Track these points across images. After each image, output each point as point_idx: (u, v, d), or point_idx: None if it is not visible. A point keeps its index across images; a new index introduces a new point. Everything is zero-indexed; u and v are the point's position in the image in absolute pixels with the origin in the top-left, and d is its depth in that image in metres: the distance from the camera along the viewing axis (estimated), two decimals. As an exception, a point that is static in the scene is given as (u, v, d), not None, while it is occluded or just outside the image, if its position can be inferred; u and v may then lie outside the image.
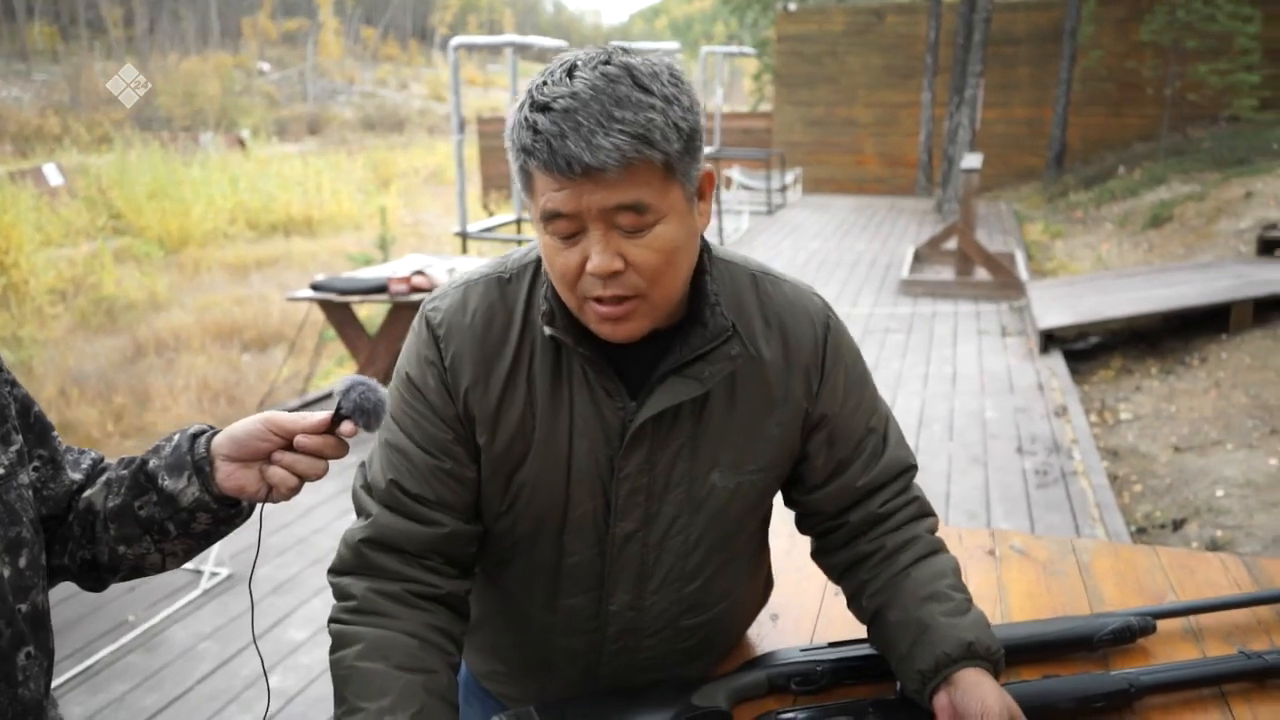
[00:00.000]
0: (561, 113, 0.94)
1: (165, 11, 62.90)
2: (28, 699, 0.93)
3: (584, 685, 1.28)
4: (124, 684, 3.00)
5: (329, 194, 16.46)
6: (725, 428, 1.14)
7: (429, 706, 1.06)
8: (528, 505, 1.15)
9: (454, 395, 1.12)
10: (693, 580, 1.21)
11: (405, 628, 1.09)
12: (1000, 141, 15.64)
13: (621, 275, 1.00)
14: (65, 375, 7.45)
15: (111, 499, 1.03)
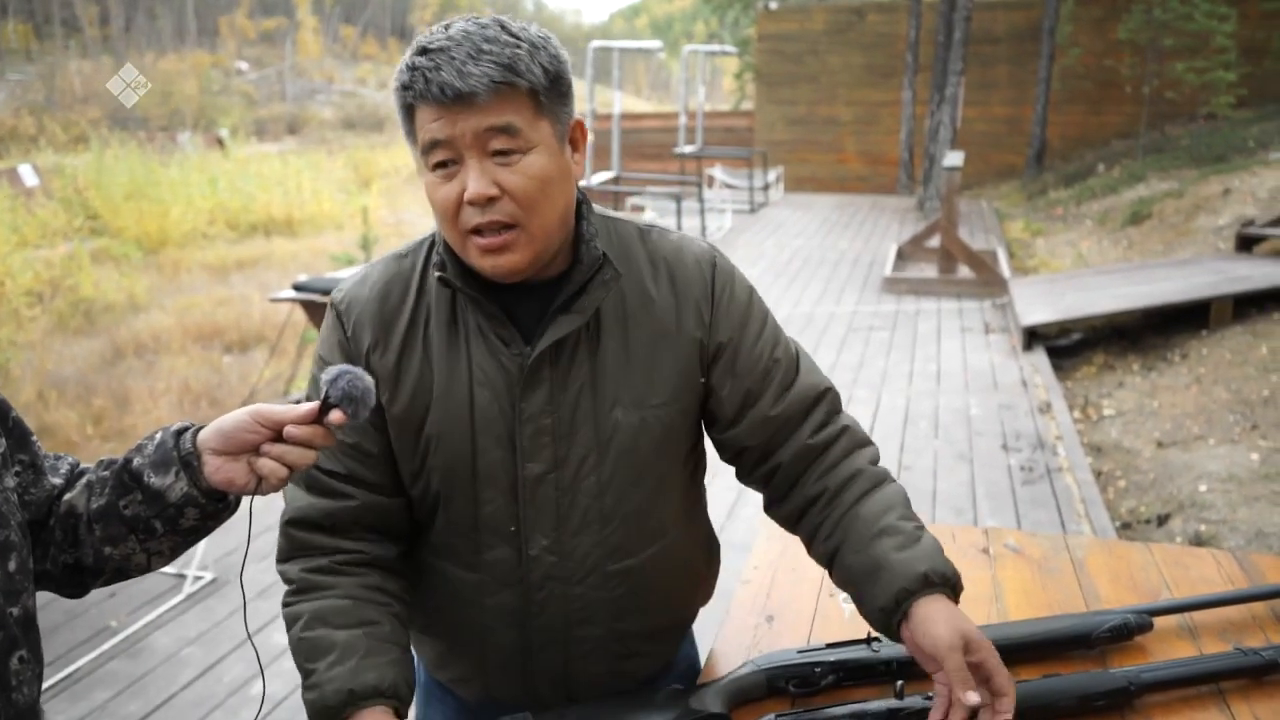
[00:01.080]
0: (437, 51, 1.05)
1: (141, 10, 62.30)
2: (21, 704, 0.92)
3: (522, 653, 1.26)
4: (106, 691, 2.96)
5: (309, 194, 16.33)
6: (623, 365, 1.18)
7: (374, 649, 1.12)
8: (438, 458, 1.18)
9: (355, 362, 1.18)
10: (610, 521, 1.21)
11: (340, 594, 1.16)
12: (980, 140, 15.71)
13: (497, 202, 1.07)
14: (43, 378, 7.35)
15: (95, 500, 1.02)
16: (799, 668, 1.28)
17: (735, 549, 3.86)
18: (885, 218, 13.17)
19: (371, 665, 1.11)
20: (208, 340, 8.56)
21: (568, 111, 1.13)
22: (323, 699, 1.09)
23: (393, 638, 1.16)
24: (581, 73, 20.19)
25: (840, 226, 12.40)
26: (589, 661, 1.28)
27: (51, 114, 33.42)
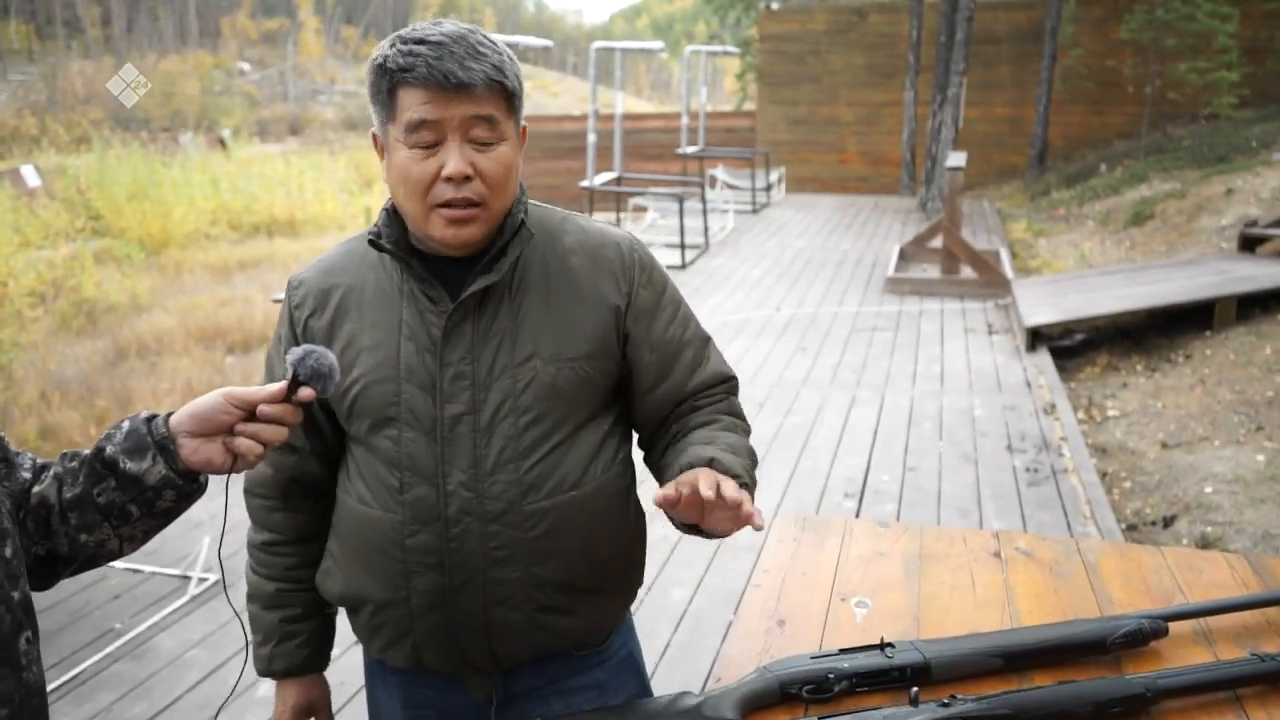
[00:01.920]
0: (436, 44, 1.19)
1: (143, 11, 62.30)
2: (32, 683, 0.96)
3: (443, 595, 1.31)
4: (111, 694, 2.95)
5: (312, 194, 16.32)
6: (542, 321, 1.31)
7: (288, 634, 1.46)
8: (365, 401, 1.31)
9: (295, 327, 1.36)
10: (527, 458, 1.29)
11: (268, 574, 1.46)
12: (982, 140, 15.69)
13: (470, 181, 1.22)
14: (46, 379, 7.34)
15: (68, 490, 1.06)
16: (813, 674, 1.27)
17: (740, 550, 3.85)
18: (887, 218, 13.15)
19: (281, 653, 1.45)
20: (210, 341, 8.54)
21: (521, 116, 1.31)
22: (256, 667, 1.48)
23: (305, 615, 1.47)
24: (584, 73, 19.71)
25: (842, 227, 12.38)
26: (509, 608, 1.32)
27: (54, 114, 33.44)
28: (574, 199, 12.36)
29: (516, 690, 1.40)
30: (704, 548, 3.87)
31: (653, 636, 3.20)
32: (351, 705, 2.76)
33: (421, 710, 1.44)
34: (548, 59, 72.61)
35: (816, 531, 1.81)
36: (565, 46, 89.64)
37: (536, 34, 54.80)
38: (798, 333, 7.27)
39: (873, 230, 12.15)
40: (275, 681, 1.49)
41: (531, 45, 8.94)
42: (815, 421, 5.35)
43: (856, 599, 1.56)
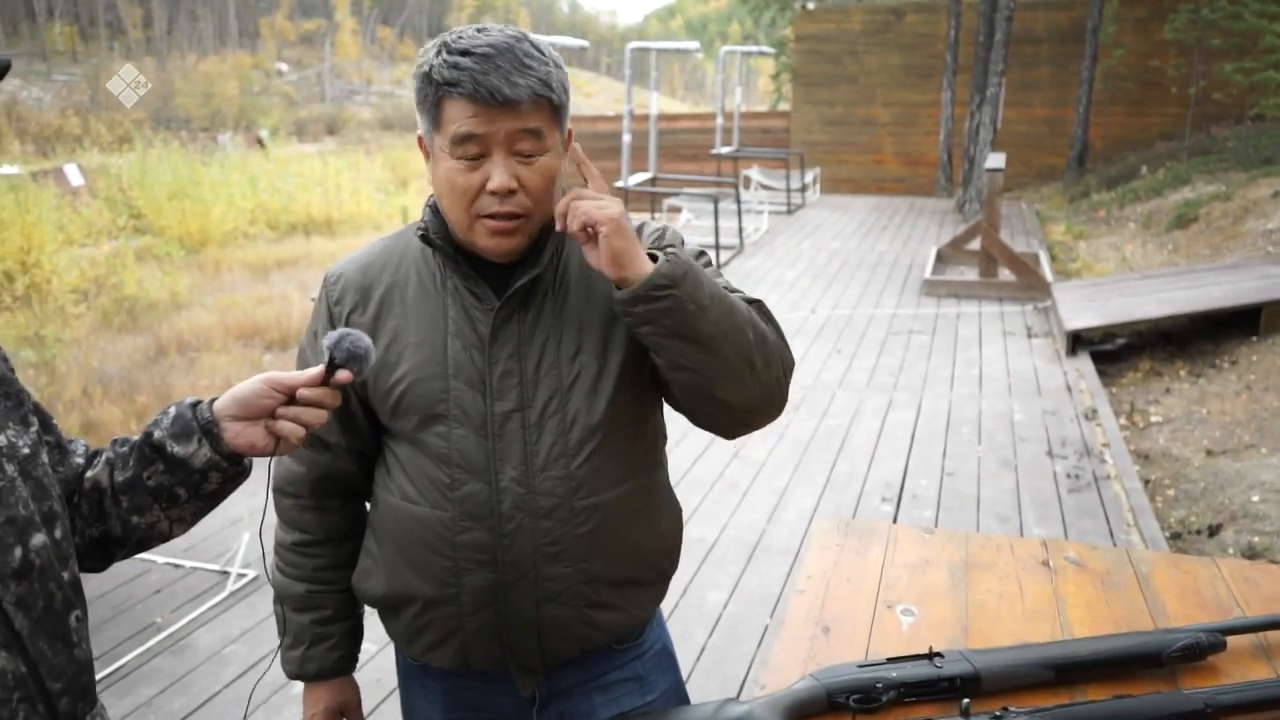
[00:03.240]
0: (482, 56, 1.18)
1: (183, 12, 63.20)
2: (82, 659, 0.99)
3: (494, 593, 1.30)
4: (152, 688, 2.98)
5: (348, 194, 16.46)
6: (585, 318, 1.31)
7: (319, 636, 1.45)
8: (413, 398, 1.30)
9: (336, 323, 1.34)
10: (576, 455, 1.30)
11: (298, 576, 1.45)
12: (1021, 141, 15.51)
13: (515, 195, 1.22)
14: (89, 375, 7.45)
15: (119, 474, 1.09)
16: (860, 683, 1.25)
17: (776, 554, 3.83)
18: (924, 220, 13.04)
19: (313, 656, 1.45)
20: (248, 338, 8.64)
21: (567, 121, 1.29)
22: (285, 669, 1.47)
23: (336, 617, 1.46)
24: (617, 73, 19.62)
25: (878, 228, 12.29)
26: (560, 605, 1.32)
27: (96, 114, 34.00)
28: (608, 199, 12.35)
29: (560, 686, 1.40)
30: (741, 550, 3.85)
31: (688, 640, 3.18)
32: (384, 707, 2.77)
33: (462, 713, 1.44)
34: (581, 59, 72.78)
35: (860, 537, 1.78)
36: (599, 47, 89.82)
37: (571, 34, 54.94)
38: (833, 334, 7.22)
39: (909, 232, 12.05)
40: (305, 684, 1.49)
41: (568, 46, 8.94)
42: (851, 424, 5.31)
43: (902, 606, 1.53)
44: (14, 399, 1.02)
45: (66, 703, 0.95)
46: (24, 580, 0.92)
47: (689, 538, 3.92)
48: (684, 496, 1.37)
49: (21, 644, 0.91)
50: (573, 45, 9.07)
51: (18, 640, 0.90)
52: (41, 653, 0.93)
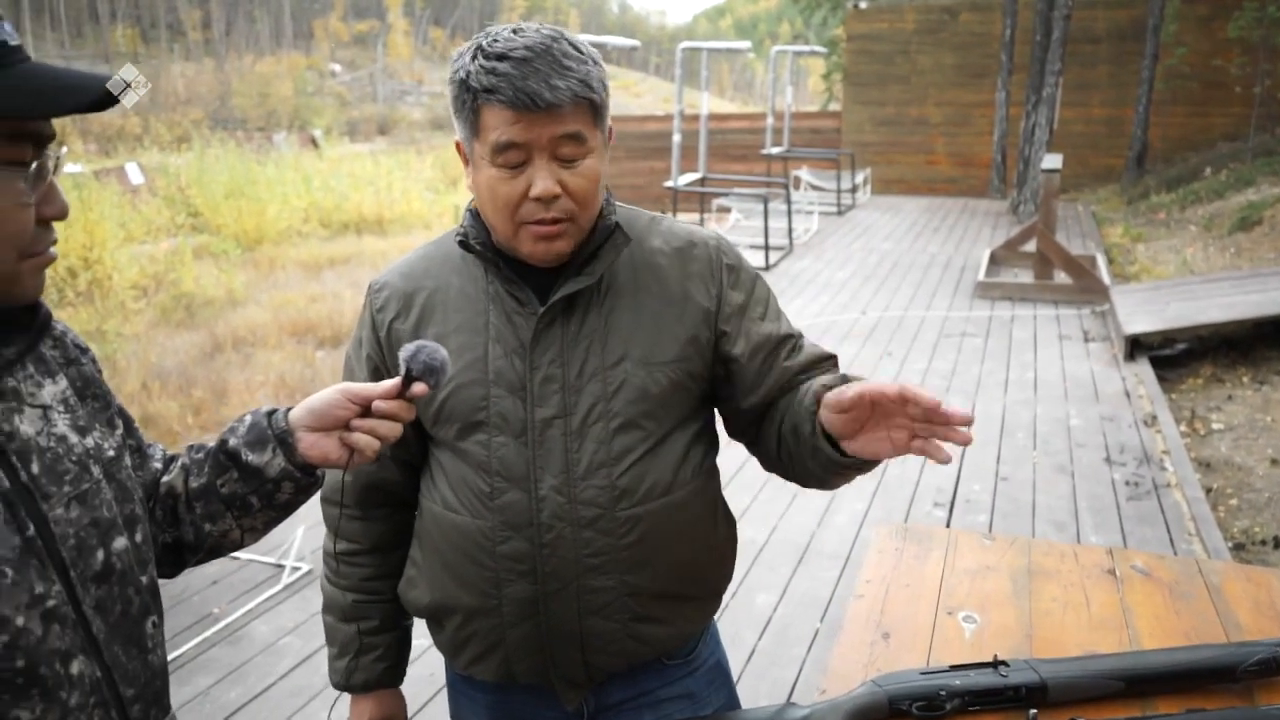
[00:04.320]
0: (520, 60, 1.14)
1: (241, 14, 64.32)
2: (156, 665, 0.99)
3: (536, 605, 1.28)
4: (208, 677, 3.03)
5: (399, 193, 16.64)
6: (632, 325, 1.28)
7: (366, 647, 1.43)
8: (453, 405, 1.28)
9: (378, 330, 1.34)
10: (619, 464, 1.26)
11: (346, 585, 1.44)
12: (1077, 142, 15.24)
13: (559, 200, 1.19)
14: (147, 369, 7.61)
15: (193, 481, 1.09)
16: (924, 690, 1.23)
17: (826, 558, 3.79)
18: (977, 221, 12.86)
19: (359, 667, 1.43)
20: (301, 335, 8.76)
21: (607, 120, 1.26)
22: (332, 680, 1.46)
23: (383, 627, 1.44)
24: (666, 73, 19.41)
25: (930, 230, 12.14)
26: (603, 618, 1.29)
27: (156, 114, 34.74)
28: (658, 199, 12.37)
29: (608, 702, 1.37)
30: (791, 552, 3.82)
31: (738, 643, 3.17)
32: (427, 710, 2.79)
33: None
34: (630, 59, 72.88)
35: (919, 542, 1.76)
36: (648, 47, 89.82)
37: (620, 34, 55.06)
38: (884, 337, 7.14)
39: (961, 233, 11.89)
40: (351, 696, 1.47)
41: (620, 46, 8.95)
42: (903, 428, 5.24)
43: (964, 613, 1.51)
44: (101, 400, 1.02)
45: (139, 709, 0.94)
46: (104, 584, 0.91)
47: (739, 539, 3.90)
48: (732, 498, 1.36)
49: (98, 648, 0.90)
50: (625, 45, 9.08)
51: (94, 645, 0.89)
52: (116, 658, 0.92)
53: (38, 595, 0.84)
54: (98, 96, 0.83)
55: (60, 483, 0.89)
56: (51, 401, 0.93)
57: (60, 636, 0.85)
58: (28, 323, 0.90)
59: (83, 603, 0.88)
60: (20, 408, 0.89)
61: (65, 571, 0.87)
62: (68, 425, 0.94)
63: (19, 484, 0.85)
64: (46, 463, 0.88)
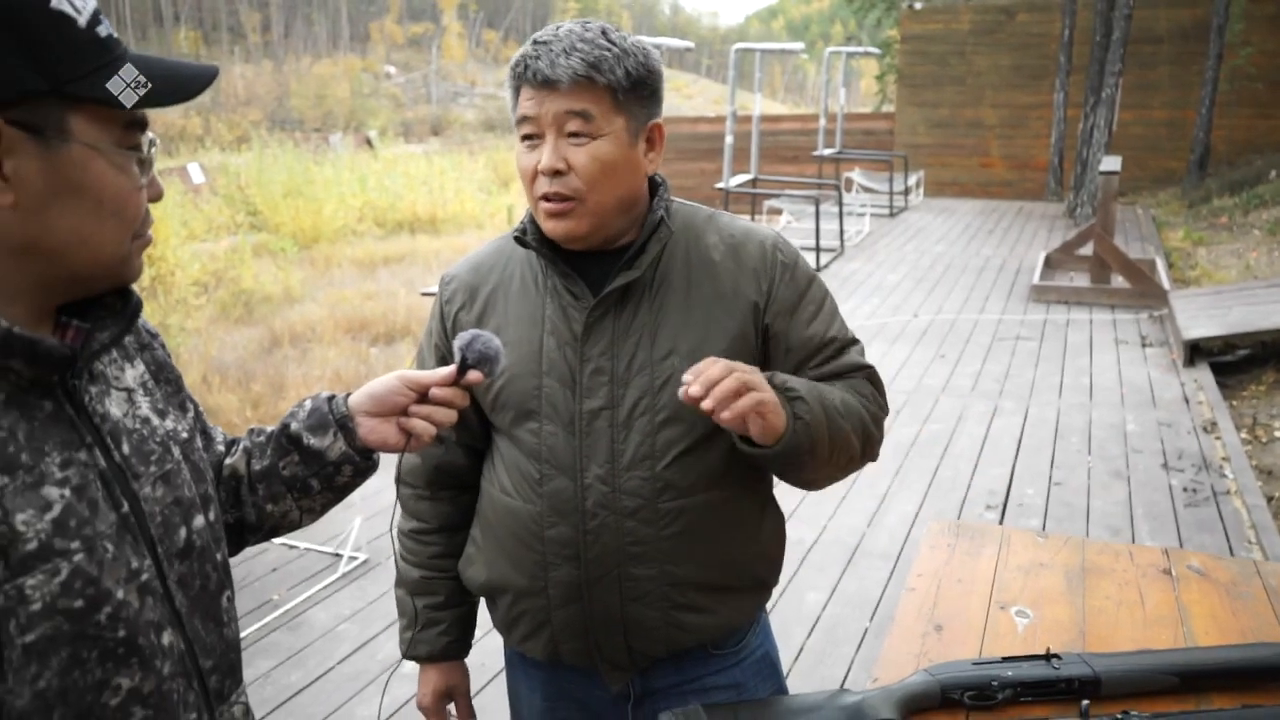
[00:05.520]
0: (542, 44, 1.24)
1: (299, 17, 65.37)
2: (230, 638, 1.03)
3: (580, 589, 1.32)
4: (269, 661, 3.12)
5: (452, 193, 16.85)
6: (682, 319, 1.31)
7: (431, 620, 1.50)
8: (509, 394, 1.34)
9: (445, 321, 1.42)
10: (662, 457, 1.30)
11: (415, 562, 1.51)
12: (1137, 144, 14.94)
13: (564, 176, 1.24)
14: (208, 363, 7.81)
15: (256, 463, 1.13)
16: (976, 680, 1.24)
17: (876, 558, 3.79)
18: (1032, 224, 12.69)
19: (424, 639, 1.50)
20: (356, 332, 8.92)
21: (648, 113, 1.30)
22: (400, 649, 1.54)
23: (448, 603, 1.51)
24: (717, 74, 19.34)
25: (984, 232, 12.01)
26: (644, 605, 1.33)
27: (217, 115, 35.48)
28: (708, 200, 12.35)
29: (654, 686, 1.41)
30: (840, 552, 3.83)
31: (786, 639, 3.18)
32: (490, 688, 2.84)
33: (561, 702, 1.47)
34: (682, 60, 72.86)
35: (971, 539, 1.76)
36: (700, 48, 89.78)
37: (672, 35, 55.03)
38: (936, 339, 7.09)
39: (1016, 236, 11.75)
40: (419, 665, 1.54)
41: (672, 47, 8.98)
42: (955, 430, 5.21)
43: (1016, 608, 1.52)
44: (174, 384, 1.06)
45: (216, 680, 0.99)
46: (186, 560, 0.95)
47: (789, 539, 3.91)
48: (781, 497, 1.39)
49: (181, 621, 0.94)
50: (678, 46, 9.11)
51: (178, 618, 0.93)
52: (196, 630, 0.96)
53: (134, 570, 0.88)
54: (205, 85, 0.88)
55: (147, 463, 0.93)
56: (134, 385, 0.98)
57: (153, 609, 0.89)
58: (119, 309, 0.94)
59: (168, 578, 0.93)
60: (108, 391, 0.93)
61: (154, 548, 0.92)
62: (149, 408, 0.98)
63: (114, 464, 0.89)
64: (134, 444, 0.93)
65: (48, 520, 0.81)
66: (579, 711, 1.46)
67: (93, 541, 0.84)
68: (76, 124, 0.81)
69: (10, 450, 0.80)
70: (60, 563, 0.81)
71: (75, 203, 0.83)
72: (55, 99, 0.80)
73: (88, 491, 0.85)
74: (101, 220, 0.85)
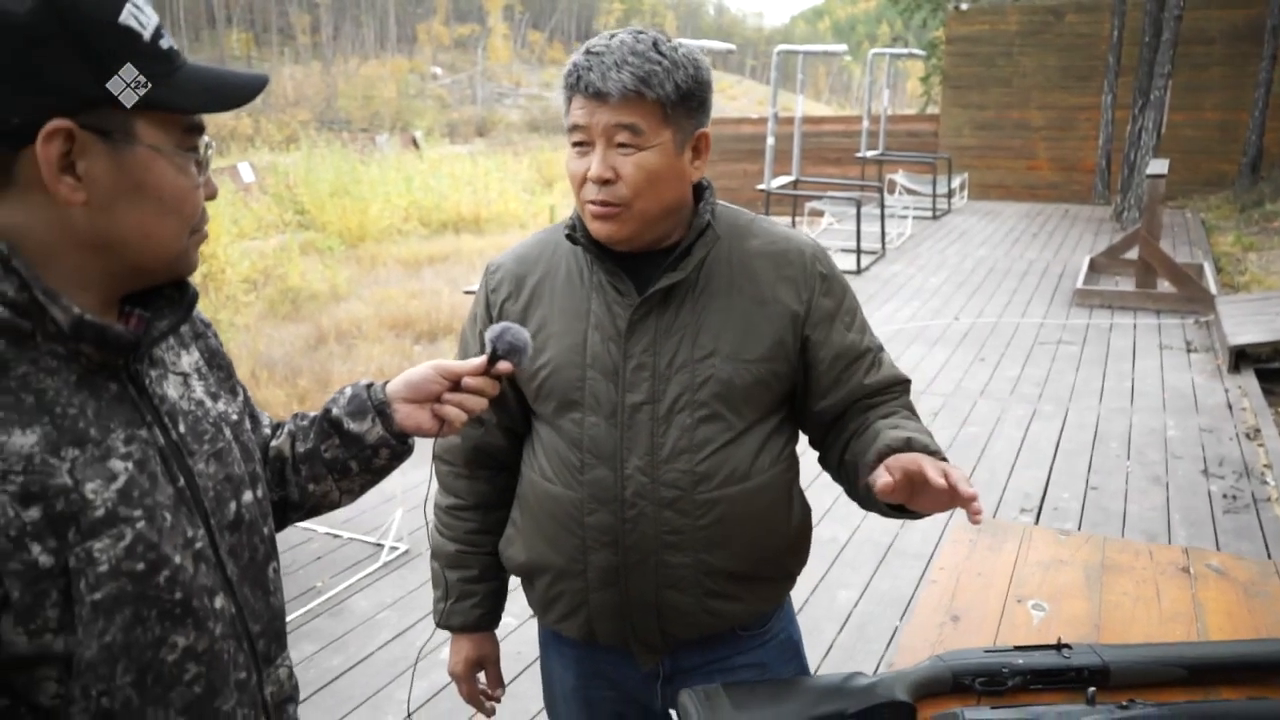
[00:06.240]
0: (595, 55, 1.28)
1: (348, 18, 66.16)
2: (276, 607, 1.10)
3: (617, 574, 1.38)
4: (312, 645, 3.22)
5: (496, 193, 16.99)
6: (722, 321, 1.37)
7: (465, 593, 1.57)
8: (553, 384, 1.40)
9: (491, 310, 1.46)
10: (700, 450, 1.36)
11: (451, 537, 1.58)
12: (1188, 146, 14.69)
13: (612, 184, 1.29)
14: (256, 358, 7.97)
15: (299, 445, 1.19)
16: (986, 667, 1.28)
17: (908, 558, 3.81)
18: (1078, 228, 12.54)
19: (458, 610, 1.58)
20: (401, 329, 9.05)
21: (696, 123, 1.35)
22: (435, 619, 1.62)
23: (481, 577, 1.58)
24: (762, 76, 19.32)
25: (1028, 236, 11.90)
26: (679, 592, 1.39)
27: (267, 115, 36.08)
28: (750, 201, 12.37)
29: (683, 666, 1.47)
30: (873, 551, 3.85)
31: (816, 635, 3.22)
32: (526, 675, 2.91)
33: (593, 680, 1.53)
34: (726, 62, 72.75)
35: (994, 535, 1.80)
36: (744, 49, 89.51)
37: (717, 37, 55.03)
38: (976, 343, 7.06)
39: (1061, 240, 11.62)
40: (451, 635, 1.62)
41: (713, 49, 9.02)
42: (992, 433, 5.20)
43: (1033, 601, 1.55)
44: (225, 370, 1.14)
45: (264, 644, 1.06)
46: (236, 531, 1.03)
47: (819, 537, 3.94)
48: (815, 496, 1.44)
49: (232, 588, 1.01)
50: (718, 48, 9.15)
51: (229, 585, 1.01)
52: (246, 597, 1.04)
53: (189, 538, 0.96)
54: (255, 93, 0.96)
55: (201, 441, 1.01)
56: (189, 370, 1.06)
57: (206, 575, 0.97)
58: (177, 300, 1.02)
59: (220, 547, 1.00)
60: (167, 374, 1.02)
61: (207, 519, 0.99)
62: (203, 391, 1.06)
63: (171, 441, 0.97)
64: (189, 423, 1.01)
65: (113, 490, 0.89)
66: (610, 689, 1.53)
67: (153, 511, 0.92)
68: (141, 128, 0.89)
69: (81, 426, 0.88)
70: (124, 529, 0.88)
71: (139, 200, 0.90)
72: (122, 105, 0.87)
73: (148, 465, 0.93)
74: (163, 216, 0.93)
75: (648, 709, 1.53)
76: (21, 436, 0.84)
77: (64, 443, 0.87)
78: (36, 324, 0.87)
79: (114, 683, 0.88)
